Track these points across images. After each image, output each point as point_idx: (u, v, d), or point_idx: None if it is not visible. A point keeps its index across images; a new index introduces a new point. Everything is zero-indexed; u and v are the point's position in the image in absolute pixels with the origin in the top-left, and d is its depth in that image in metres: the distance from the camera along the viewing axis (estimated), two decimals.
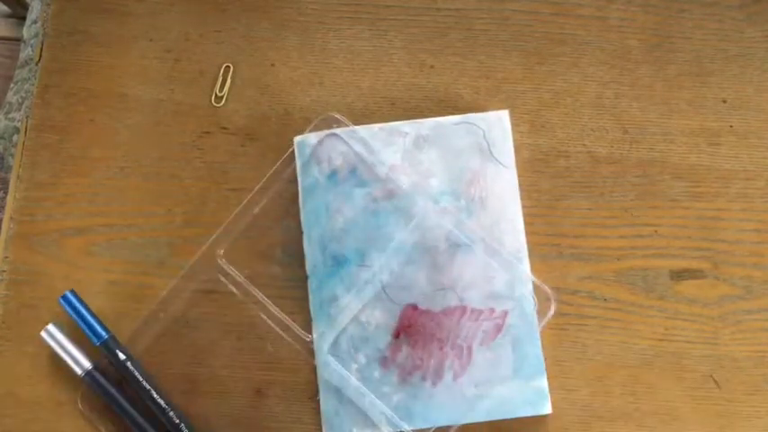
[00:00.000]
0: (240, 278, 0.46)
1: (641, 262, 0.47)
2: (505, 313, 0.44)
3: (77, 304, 0.45)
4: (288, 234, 0.47)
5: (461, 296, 0.45)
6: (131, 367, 0.44)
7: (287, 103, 0.50)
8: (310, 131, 0.47)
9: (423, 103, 0.50)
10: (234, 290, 0.46)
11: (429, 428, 0.44)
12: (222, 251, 0.46)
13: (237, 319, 0.46)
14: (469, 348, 0.44)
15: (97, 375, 0.44)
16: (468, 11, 0.51)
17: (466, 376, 0.44)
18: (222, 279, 0.46)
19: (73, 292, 0.45)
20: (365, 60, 0.50)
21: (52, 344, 0.44)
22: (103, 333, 0.45)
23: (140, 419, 0.44)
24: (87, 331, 0.45)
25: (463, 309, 0.45)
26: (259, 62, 0.50)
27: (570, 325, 0.46)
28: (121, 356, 0.44)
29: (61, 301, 0.45)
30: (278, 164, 0.47)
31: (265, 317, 0.46)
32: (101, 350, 0.45)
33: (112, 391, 0.44)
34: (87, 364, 0.44)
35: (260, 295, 0.46)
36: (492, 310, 0.44)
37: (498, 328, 0.44)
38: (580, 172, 0.48)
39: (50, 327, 0.45)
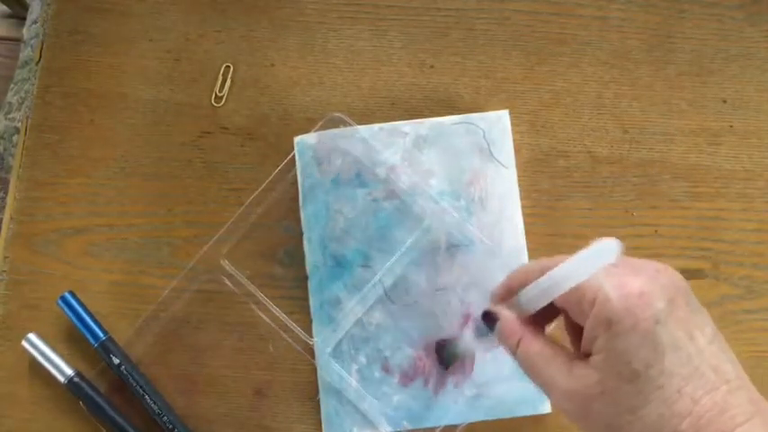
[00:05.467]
0: (242, 278, 0.46)
1: None
2: None
3: (76, 306, 0.45)
4: (289, 234, 0.47)
5: (461, 296, 0.45)
6: (125, 371, 0.44)
7: (287, 103, 0.50)
8: (315, 131, 0.47)
9: (423, 103, 0.50)
10: (235, 290, 0.46)
11: (430, 428, 0.44)
12: (225, 251, 0.46)
13: (238, 319, 0.46)
14: (472, 357, 0.44)
15: (80, 382, 0.44)
16: (468, 11, 0.51)
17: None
18: (223, 279, 0.46)
19: (72, 293, 0.45)
20: (365, 60, 0.50)
21: (33, 353, 0.44)
22: (101, 334, 0.45)
23: (125, 425, 0.44)
24: (85, 333, 0.45)
25: (467, 316, 0.45)
26: (259, 62, 0.50)
27: None
28: (115, 360, 0.44)
29: (60, 302, 0.45)
30: (282, 164, 0.47)
31: (266, 317, 0.46)
32: (98, 352, 0.45)
33: (96, 397, 0.44)
34: (69, 372, 0.44)
35: (261, 295, 0.46)
36: None
37: None
38: (580, 172, 0.48)
39: (31, 335, 0.45)
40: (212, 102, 0.50)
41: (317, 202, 0.46)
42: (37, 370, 0.46)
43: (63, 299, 0.45)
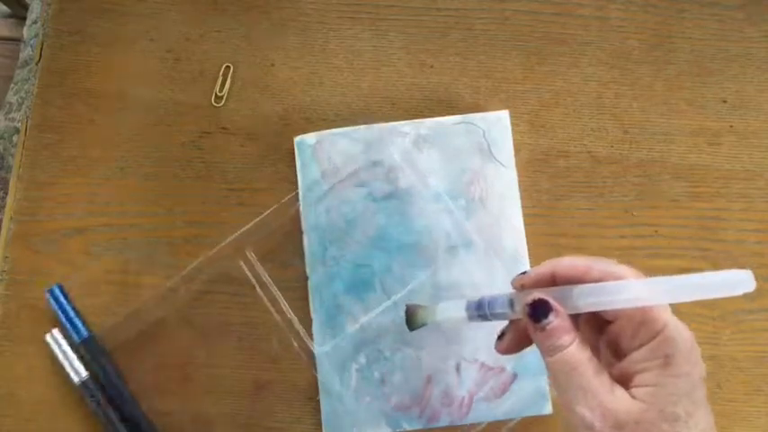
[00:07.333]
0: (261, 271, 0.46)
1: (641, 262, 0.47)
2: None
3: (62, 300, 0.45)
4: (290, 234, 0.47)
5: (461, 296, 0.45)
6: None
7: (287, 103, 0.50)
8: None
9: (423, 103, 0.50)
10: (235, 290, 0.46)
11: (430, 428, 0.44)
12: (250, 244, 0.46)
13: (238, 319, 0.46)
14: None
15: (92, 385, 0.44)
16: (468, 11, 0.51)
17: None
18: (226, 279, 0.46)
19: (60, 287, 0.46)
20: (365, 60, 0.50)
21: (55, 349, 0.45)
22: (84, 332, 0.45)
23: None
24: (69, 328, 0.45)
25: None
26: (259, 62, 0.50)
27: None
28: (83, 373, 0.44)
29: (47, 295, 0.45)
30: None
31: (266, 317, 0.46)
32: (80, 348, 0.45)
33: (103, 402, 0.44)
34: (84, 373, 0.44)
35: (262, 295, 0.46)
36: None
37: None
38: (580, 172, 0.48)
39: (55, 331, 0.45)
40: (212, 102, 0.50)
41: (316, 202, 0.46)
42: (37, 370, 0.46)
43: (51, 292, 0.45)
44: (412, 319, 0.40)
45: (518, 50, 0.50)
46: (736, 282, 0.27)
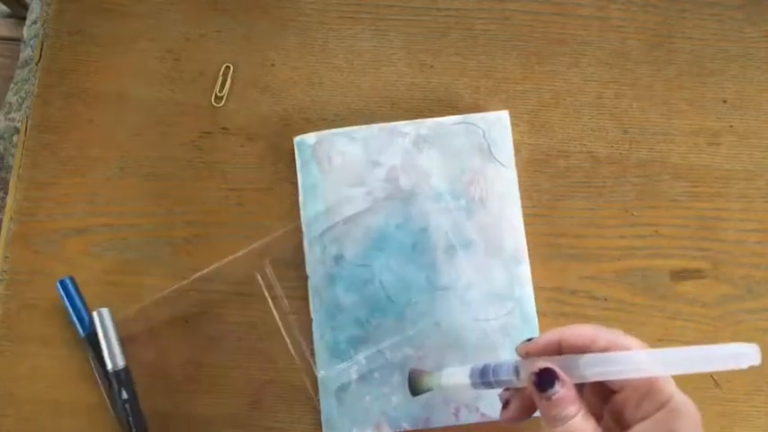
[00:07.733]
0: (274, 281, 0.46)
1: (641, 262, 0.47)
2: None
3: (73, 292, 0.45)
4: (288, 234, 0.47)
5: (461, 296, 0.45)
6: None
7: (287, 103, 0.50)
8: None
9: (423, 103, 0.50)
10: (235, 290, 0.46)
11: (429, 428, 0.44)
12: (268, 258, 0.46)
13: (237, 318, 0.46)
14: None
15: (124, 376, 0.44)
16: (468, 11, 0.51)
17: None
18: (229, 281, 0.46)
19: (71, 279, 0.46)
20: (365, 60, 0.50)
21: (99, 329, 0.44)
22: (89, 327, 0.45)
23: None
24: (76, 321, 0.45)
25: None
26: (259, 62, 0.50)
27: None
28: (121, 363, 0.44)
29: (58, 285, 0.45)
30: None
31: (266, 317, 0.46)
32: (84, 342, 0.45)
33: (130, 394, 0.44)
34: (121, 363, 0.44)
35: (267, 297, 0.46)
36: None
37: None
38: (580, 172, 0.48)
39: (104, 310, 0.45)
40: (212, 102, 0.50)
41: (316, 202, 0.46)
42: (37, 370, 0.46)
43: (62, 283, 0.45)
44: (416, 385, 0.40)
45: (518, 50, 0.50)
46: (741, 355, 0.27)
